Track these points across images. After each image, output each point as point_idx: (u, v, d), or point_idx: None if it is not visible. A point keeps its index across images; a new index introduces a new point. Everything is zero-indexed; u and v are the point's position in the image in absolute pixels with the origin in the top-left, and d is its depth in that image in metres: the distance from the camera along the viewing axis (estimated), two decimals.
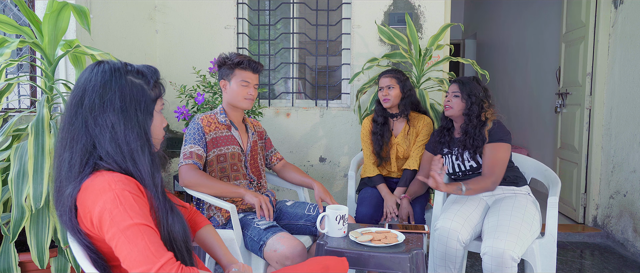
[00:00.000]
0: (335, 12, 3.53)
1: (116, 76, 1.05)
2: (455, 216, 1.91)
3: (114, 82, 1.04)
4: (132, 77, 1.08)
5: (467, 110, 2.11)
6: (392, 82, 2.37)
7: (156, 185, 1.07)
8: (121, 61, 1.11)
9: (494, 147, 2.05)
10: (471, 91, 2.12)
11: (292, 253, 1.64)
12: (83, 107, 1.03)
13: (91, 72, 1.06)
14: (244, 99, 1.95)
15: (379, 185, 2.39)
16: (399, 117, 2.43)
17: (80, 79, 1.07)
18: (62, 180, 1.04)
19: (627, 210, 2.99)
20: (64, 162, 1.04)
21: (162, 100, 1.15)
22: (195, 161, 1.86)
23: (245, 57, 1.95)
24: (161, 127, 1.16)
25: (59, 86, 2.28)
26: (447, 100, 2.19)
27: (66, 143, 1.04)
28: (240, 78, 1.94)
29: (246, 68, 1.94)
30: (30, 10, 1.92)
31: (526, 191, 2.09)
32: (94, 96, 1.03)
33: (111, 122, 1.03)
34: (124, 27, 3.10)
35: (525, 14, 5.17)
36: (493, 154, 2.04)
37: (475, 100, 2.11)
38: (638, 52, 2.89)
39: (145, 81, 1.10)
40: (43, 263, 1.78)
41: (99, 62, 1.08)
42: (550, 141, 4.41)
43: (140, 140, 1.06)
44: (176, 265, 0.95)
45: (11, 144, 2.00)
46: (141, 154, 1.05)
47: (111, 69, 1.06)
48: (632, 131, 2.94)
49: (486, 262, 1.75)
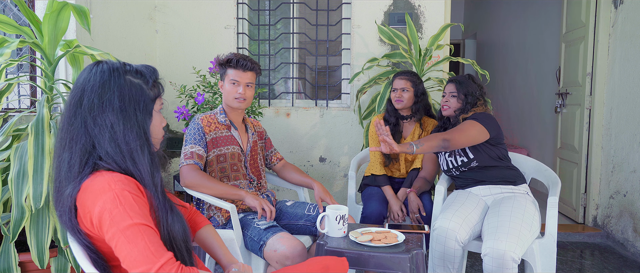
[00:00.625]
0: (335, 12, 3.53)
1: (115, 76, 1.05)
2: (453, 216, 1.91)
3: (112, 82, 1.04)
4: (131, 77, 1.08)
5: (462, 109, 2.14)
6: (407, 85, 2.38)
7: (156, 184, 1.07)
8: (120, 61, 1.11)
9: (468, 121, 2.07)
10: (468, 91, 2.14)
11: (292, 253, 1.64)
12: (82, 107, 1.03)
13: (90, 73, 1.06)
14: (234, 99, 1.94)
15: (384, 187, 2.37)
16: (410, 119, 2.44)
17: (78, 79, 1.07)
18: (62, 180, 1.04)
19: (627, 210, 2.99)
20: (63, 162, 1.04)
21: (161, 100, 1.15)
22: (196, 162, 1.86)
23: (235, 56, 1.93)
24: (160, 126, 1.16)
25: (59, 86, 2.28)
26: (445, 100, 2.20)
27: (65, 143, 1.04)
28: (231, 77, 1.93)
29: (235, 66, 1.92)
30: (30, 10, 1.92)
31: (524, 190, 2.09)
32: (92, 96, 1.03)
33: (110, 122, 1.03)
34: (124, 27, 3.10)
35: (525, 14, 5.17)
36: (463, 124, 2.06)
37: (471, 100, 2.14)
38: (638, 52, 2.89)
39: (144, 81, 1.10)
40: (43, 263, 1.78)
41: (98, 62, 1.08)
42: (550, 141, 4.41)
43: (139, 140, 1.05)
44: (176, 265, 0.95)
45: (11, 144, 2.00)
46: (140, 154, 1.05)
47: (110, 69, 1.06)
48: (632, 131, 2.94)
49: (487, 263, 1.75)
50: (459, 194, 2.13)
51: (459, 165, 2.15)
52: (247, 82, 1.94)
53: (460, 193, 2.14)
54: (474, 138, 2.04)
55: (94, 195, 0.98)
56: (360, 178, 3.15)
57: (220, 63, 1.96)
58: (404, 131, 2.46)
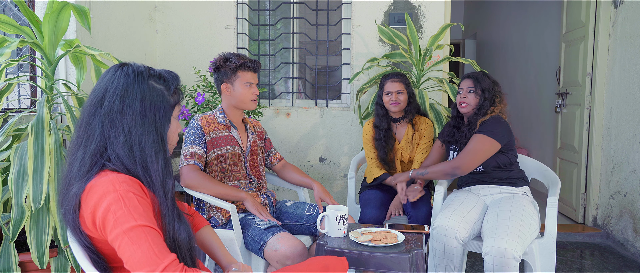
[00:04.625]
0: (335, 12, 3.53)
1: (139, 80, 1.05)
2: (453, 214, 1.91)
3: (136, 87, 1.05)
4: (154, 82, 1.08)
5: (479, 105, 2.10)
6: (401, 88, 2.35)
7: (166, 191, 1.07)
8: (144, 65, 1.11)
9: (477, 137, 2.03)
10: (485, 86, 2.10)
11: (293, 252, 1.64)
12: (102, 108, 1.03)
13: (114, 74, 1.06)
14: (251, 101, 1.95)
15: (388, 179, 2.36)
16: (402, 121, 2.42)
17: (101, 80, 1.07)
18: (72, 178, 1.04)
19: (627, 210, 2.99)
20: (76, 160, 1.04)
21: (180, 106, 1.15)
22: (196, 162, 1.86)
23: (246, 58, 1.94)
24: (176, 133, 1.16)
25: (59, 86, 2.28)
26: (462, 97, 2.13)
27: (81, 141, 1.04)
28: (245, 80, 1.92)
29: (248, 69, 1.93)
30: (30, 10, 1.92)
31: (524, 191, 2.09)
32: (114, 99, 1.03)
33: (128, 125, 1.03)
34: (124, 27, 3.10)
35: (525, 14, 5.17)
36: (472, 143, 2.03)
37: (488, 96, 2.09)
38: (638, 52, 2.89)
39: (166, 87, 1.10)
40: (43, 263, 1.78)
41: (123, 65, 1.08)
42: (550, 141, 4.41)
43: (155, 146, 1.05)
44: (180, 266, 0.95)
45: (11, 144, 2.00)
46: (154, 160, 1.05)
47: (134, 73, 1.06)
48: (632, 131, 2.94)
49: (488, 262, 1.75)
50: (458, 193, 2.14)
51: None
52: (256, 83, 1.97)
53: (459, 192, 2.14)
54: (485, 155, 2.02)
55: (98, 196, 0.97)
56: (360, 178, 3.15)
57: (226, 66, 1.93)
58: (397, 134, 2.44)
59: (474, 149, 2.01)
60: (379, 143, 2.40)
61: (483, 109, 2.09)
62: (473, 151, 2.01)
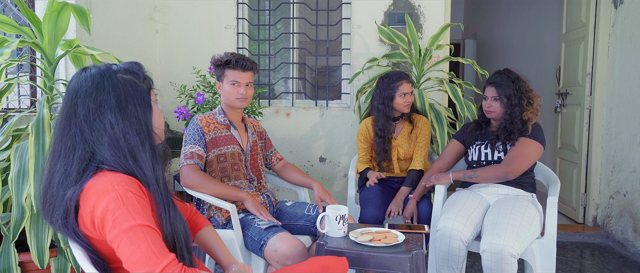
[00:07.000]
0: (335, 12, 3.53)
1: (106, 77, 1.05)
2: (457, 216, 1.91)
3: (105, 83, 1.04)
4: (122, 74, 1.07)
5: (509, 113, 2.07)
6: (411, 89, 2.40)
7: (157, 177, 1.06)
8: (105, 63, 1.11)
9: (527, 141, 2.02)
10: (509, 94, 2.06)
11: (293, 252, 1.64)
12: (77, 115, 1.02)
13: (78, 79, 1.05)
14: (236, 99, 1.94)
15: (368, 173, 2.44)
16: (401, 119, 2.46)
17: (68, 88, 1.06)
18: (54, 191, 1.02)
19: (627, 210, 2.99)
20: (56, 173, 1.02)
21: (154, 91, 1.15)
22: (196, 162, 1.86)
23: (233, 56, 1.93)
24: (160, 116, 1.15)
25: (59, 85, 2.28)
26: (488, 105, 2.13)
27: (59, 154, 1.03)
28: (231, 78, 1.92)
29: (235, 67, 1.92)
30: (30, 10, 1.92)
31: (530, 195, 2.08)
32: (87, 101, 1.02)
33: (109, 123, 1.02)
34: (124, 27, 3.10)
35: (525, 14, 5.17)
36: (522, 147, 2.02)
37: (515, 101, 2.06)
38: (638, 52, 2.89)
39: (134, 76, 1.09)
40: (43, 263, 1.78)
41: (84, 69, 1.08)
42: (550, 141, 4.40)
43: (140, 136, 1.05)
44: (179, 266, 0.95)
45: (11, 144, 2.00)
46: (141, 150, 1.05)
47: (99, 72, 1.05)
48: (632, 131, 2.94)
49: (486, 259, 1.75)
50: (460, 193, 2.13)
51: (492, 160, 2.11)
52: (247, 82, 1.94)
53: (461, 192, 2.13)
54: (534, 159, 2.04)
55: (97, 195, 0.97)
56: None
57: (217, 64, 1.95)
58: (395, 131, 2.48)
59: (526, 154, 2.00)
60: (380, 140, 2.42)
61: (515, 116, 2.06)
62: (525, 155, 2.00)
